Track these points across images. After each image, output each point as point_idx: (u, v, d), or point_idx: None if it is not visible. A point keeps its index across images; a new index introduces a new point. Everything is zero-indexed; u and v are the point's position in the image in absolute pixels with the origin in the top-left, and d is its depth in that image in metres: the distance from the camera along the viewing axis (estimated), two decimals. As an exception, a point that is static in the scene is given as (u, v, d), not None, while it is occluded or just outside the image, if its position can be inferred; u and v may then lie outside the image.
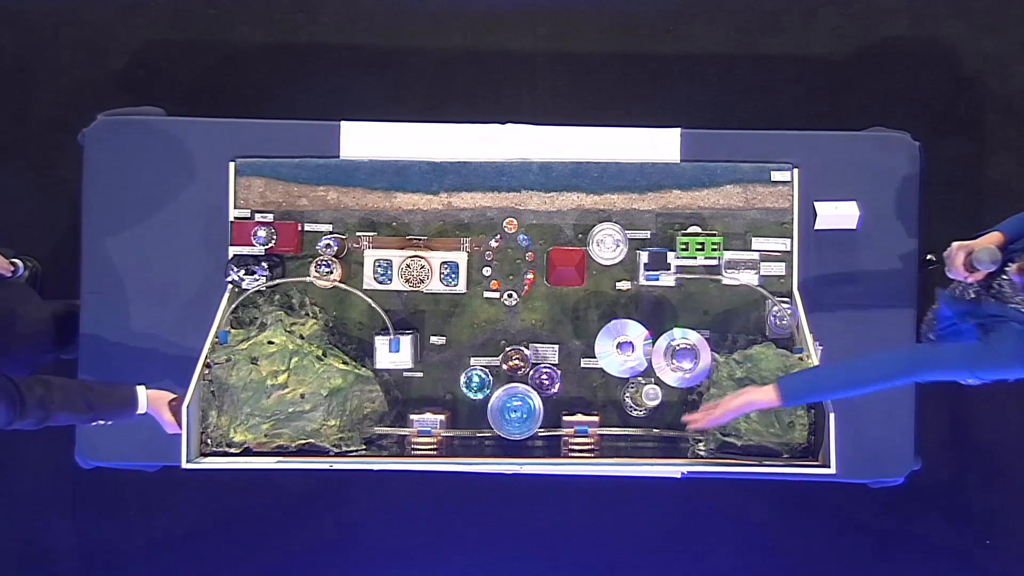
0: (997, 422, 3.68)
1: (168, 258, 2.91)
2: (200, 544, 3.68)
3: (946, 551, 3.69)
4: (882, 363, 2.45)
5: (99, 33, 3.71)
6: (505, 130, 2.93)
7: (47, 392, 2.43)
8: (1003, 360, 2.37)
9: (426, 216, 2.90)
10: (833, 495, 3.53)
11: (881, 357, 2.46)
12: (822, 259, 2.91)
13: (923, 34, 3.71)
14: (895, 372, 2.43)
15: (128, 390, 2.60)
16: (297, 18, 3.72)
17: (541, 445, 2.83)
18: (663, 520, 3.68)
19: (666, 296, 2.89)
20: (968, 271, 2.50)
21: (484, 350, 2.90)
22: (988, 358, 2.38)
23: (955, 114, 3.71)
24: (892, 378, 2.44)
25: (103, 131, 2.93)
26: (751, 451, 2.75)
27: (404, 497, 3.66)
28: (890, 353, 2.46)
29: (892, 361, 2.44)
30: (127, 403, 2.59)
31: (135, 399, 2.60)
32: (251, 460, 2.73)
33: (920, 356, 2.42)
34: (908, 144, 2.95)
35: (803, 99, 3.71)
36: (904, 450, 2.90)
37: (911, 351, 2.44)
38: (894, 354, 2.45)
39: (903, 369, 2.42)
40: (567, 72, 3.74)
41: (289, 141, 2.92)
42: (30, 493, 3.68)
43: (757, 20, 3.73)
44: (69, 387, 2.51)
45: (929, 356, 2.42)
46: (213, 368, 2.74)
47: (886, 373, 2.44)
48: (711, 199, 2.89)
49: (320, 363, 2.77)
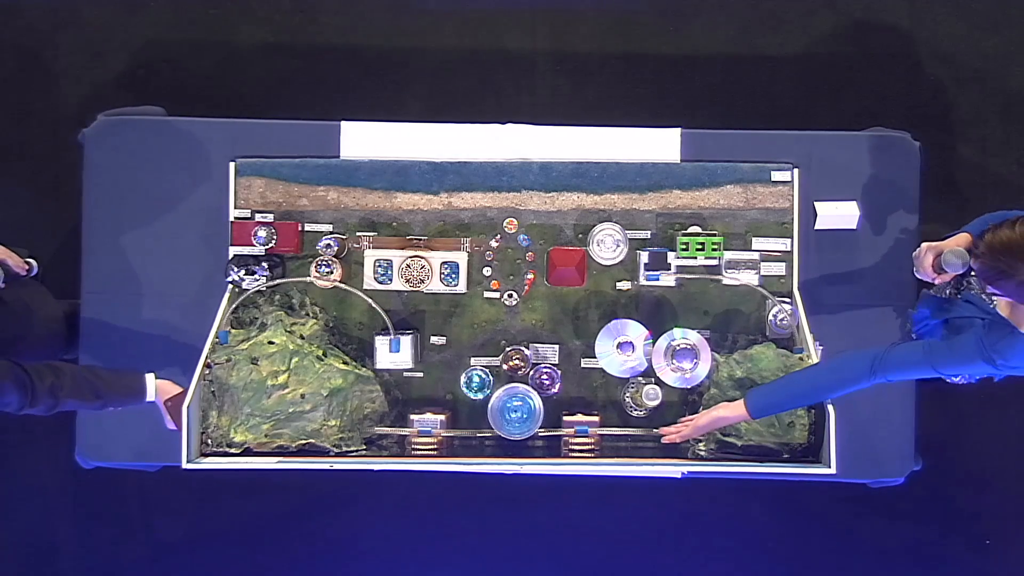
0: (997, 423, 3.68)
1: (168, 258, 2.91)
2: (200, 544, 3.68)
3: (946, 552, 3.69)
4: (844, 368, 2.46)
5: (99, 33, 3.71)
6: (505, 130, 2.92)
7: (57, 379, 2.46)
8: (963, 355, 2.36)
9: (426, 216, 2.90)
10: (833, 495, 3.54)
11: (843, 362, 2.47)
12: (822, 259, 2.91)
13: (923, 34, 3.71)
14: (857, 376, 2.43)
15: (136, 378, 2.62)
16: (297, 18, 3.72)
17: (541, 445, 2.83)
18: (663, 520, 3.68)
19: (666, 296, 2.89)
20: (936, 272, 2.51)
21: (484, 350, 2.90)
22: (949, 354, 2.39)
23: (955, 114, 3.70)
24: (855, 382, 2.44)
25: (103, 131, 2.93)
26: (751, 451, 2.75)
27: (404, 497, 3.66)
28: (851, 357, 2.46)
29: (853, 366, 2.44)
30: (135, 391, 2.61)
31: (143, 388, 2.62)
32: (251, 460, 2.73)
33: (881, 358, 2.40)
34: (908, 144, 2.95)
35: (803, 99, 3.71)
36: (904, 450, 2.90)
37: (872, 354, 2.41)
38: (855, 358, 2.44)
39: (864, 372, 2.42)
40: (567, 72, 3.74)
41: (289, 141, 2.92)
42: (31, 493, 3.68)
43: (757, 20, 3.73)
44: (78, 374, 2.54)
45: (889, 357, 2.40)
46: (213, 368, 2.74)
47: (849, 378, 2.45)
48: (711, 199, 2.89)
49: (320, 363, 2.77)
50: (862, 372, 2.42)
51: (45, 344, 2.90)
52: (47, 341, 2.91)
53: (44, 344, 2.89)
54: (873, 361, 2.41)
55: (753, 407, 2.53)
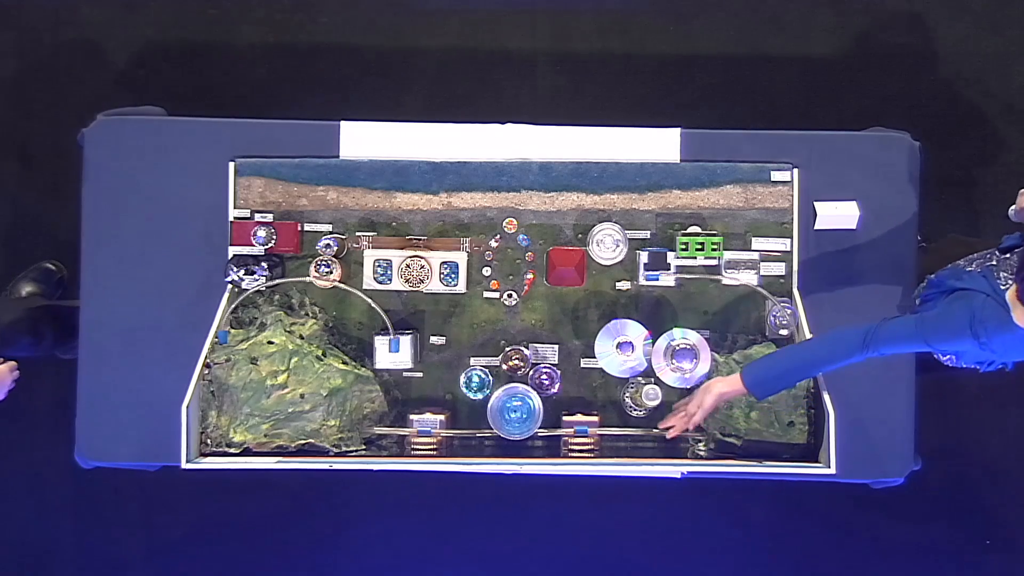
0: (998, 422, 3.67)
1: (168, 258, 2.90)
2: (200, 544, 3.68)
3: (946, 552, 3.69)
4: (838, 340, 2.47)
5: (99, 32, 3.69)
6: (505, 130, 2.92)
7: None
8: (953, 325, 2.37)
9: (426, 216, 2.90)
10: (833, 495, 3.53)
11: (836, 336, 2.49)
12: (822, 259, 2.90)
13: (923, 34, 3.70)
14: (849, 349, 2.44)
15: None
16: (297, 18, 3.71)
17: (541, 445, 2.83)
18: (663, 520, 3.67)
19: (666, 296, 2.89)
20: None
21: (484, 350, 2.90)
22: (939, 324, 2.40)
23: (955, 114, 3.70)
24: (848, 355, 2.45)
25: (102, 131, 2.92)
26: (751, 451, 2.75)
27: (404, 497, 3.66)
28: (845, 331, 2.47)
29: (846, 339, 2.45)
30: None
31: None
32: (251, 460, 2.73)
33: (873, 332, 2.42)
34: (908, 144, 2.94)
35: (803, 99, 3.70)
36: (904, 450, 2.89)
37: (865, 328, 2.43)
38: (849, 332, 2.46)
39: (856, 346, 2.43)
40: (567, 72, 3.73)
41: (289, 141, 2.91)
42: (30, 493, 3.67)
43: (757, 20, 3.72)
44: None
45: (881, 330, 2.41)
46: (213, 368, 2.74)
47: (841, 351, 2.46)
48: (711, 199, 2.89)
49: (320, 363, 2.77)
50: (855, 345, 2.43)
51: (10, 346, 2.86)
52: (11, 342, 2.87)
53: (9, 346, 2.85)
54: (866, 335, 2.42)
55: (749, 380, 2.53)
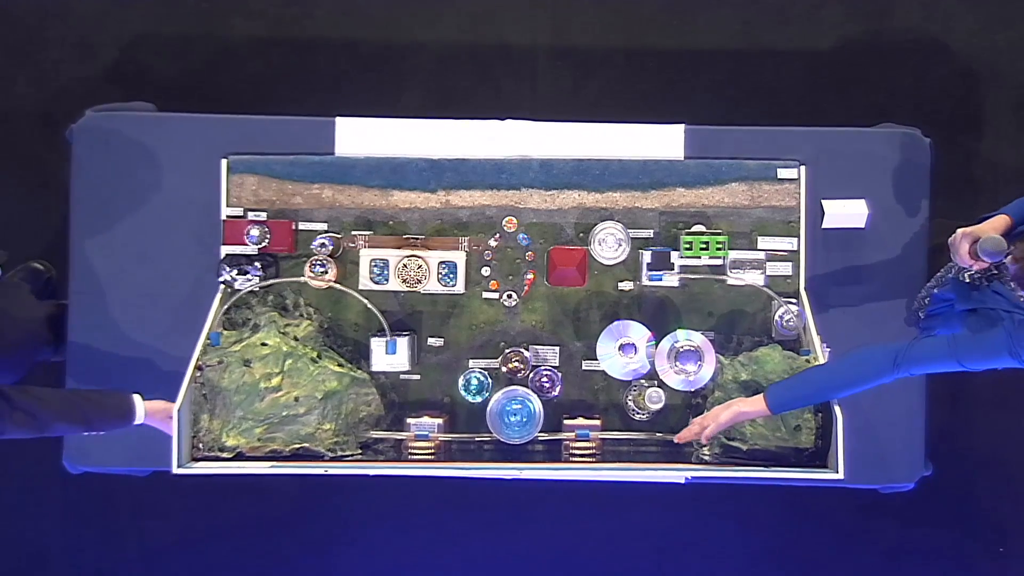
0: (1009, 428, 3.68)
1: (159, 257, 2.90)
2: (192, 550, 3.68)
3: (957, 559, 3.70)
4: (866, 362, 2.46)
5: (88, 27, 3.70)
6: (505, 127, 2.91)
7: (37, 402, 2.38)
8: (991, 349, 2.36)
9: (423, 215, 2.89)
10: (841, 501, 3.53)
11: (864, 356, 2.47)
12: (830, 258, 2.90)
13: (933, 28, 3.72)
14: (880, 370, 2.43)
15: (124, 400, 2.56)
16: (291, 11, 3.72)
17: (541, 449, 2.82)
18: (666, 527, 3.68)
19: (669, 297, 2.88)
20: (974, 259, 2.48)
21: (483, 352, 2.89)
22: (975, 347, 2.39)
23: (966, 110, 3.71)
24: (878, 376, 2.45)
25: (92, 127, 2.92)
26: (756, 456, 2.73)
27: (401, 503, 3.66)
28: (873, 351, 2.46)
29: (876, 360, 2.44)
30: (123, 415, 2.56)
31: (132, 411, 2.57)
32: (244, 465, 2.71)
33: (905, 352, 2.40)
34: (918, 141, 2.94)
35: (810, 95, 3.71)
36: (914, 455, 2.90)
37: (895, 348, 2.42)
38: (877, 352, 2.45)
39: (887, 366, 2.42)
40: (568, 67, 3.74)
41: (283, 137, 2.91)
42: (20, 499, 3.67)
43: (763, 14, 3.73)
44: (63, 398, 2.48)
45: (914, 350, 2.40)
46: (205, 370, 2.72)
47: (871, 372, 2.45)
48: (716, 197, 2.88)
49: (315, 365, 2.75)
50: (885, 366, 2.42)
51: (23, 348, 2.86)
52: (26, 345, 2.88)
53: (22, 348, 2.85)
54: (896, 355, 2.41)
55: (773, 402, 2.52)
